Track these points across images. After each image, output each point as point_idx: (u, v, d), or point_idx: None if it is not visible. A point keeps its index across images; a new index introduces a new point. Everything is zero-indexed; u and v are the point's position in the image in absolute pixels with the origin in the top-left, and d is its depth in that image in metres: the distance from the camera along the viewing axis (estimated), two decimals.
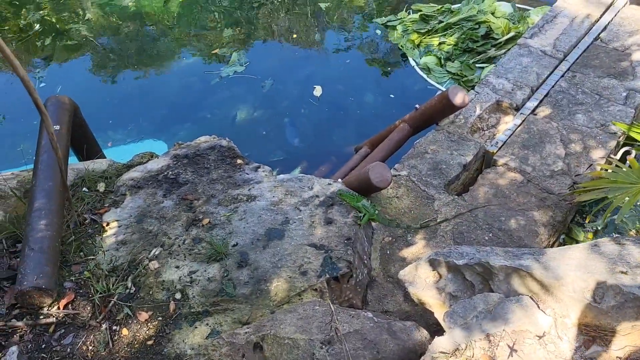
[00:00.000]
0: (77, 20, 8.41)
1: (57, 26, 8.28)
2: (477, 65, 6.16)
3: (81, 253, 3.53)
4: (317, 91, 6.84)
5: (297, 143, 6.36)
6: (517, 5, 7.22)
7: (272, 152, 6.46)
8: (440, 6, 7.28)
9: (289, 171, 6.11)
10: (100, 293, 3.27)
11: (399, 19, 7.18)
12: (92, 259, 3.49)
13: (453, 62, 6.36)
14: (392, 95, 6.64)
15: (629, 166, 3.98)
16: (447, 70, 6.26)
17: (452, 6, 7.27)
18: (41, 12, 8.49)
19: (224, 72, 7.18)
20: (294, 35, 7.84)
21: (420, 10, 7.26)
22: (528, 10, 7.19)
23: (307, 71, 7.30)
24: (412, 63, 6.60)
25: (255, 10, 8.43)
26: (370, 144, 5.72)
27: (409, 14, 7.32)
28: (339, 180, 4.48)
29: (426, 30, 6.78)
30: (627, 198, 3.75)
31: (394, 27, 7.12)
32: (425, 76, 6.39)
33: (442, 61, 6.44)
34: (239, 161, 4.56)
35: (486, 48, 6.37)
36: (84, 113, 4.74)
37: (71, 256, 3.49)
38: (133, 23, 8.33)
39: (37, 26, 8.13)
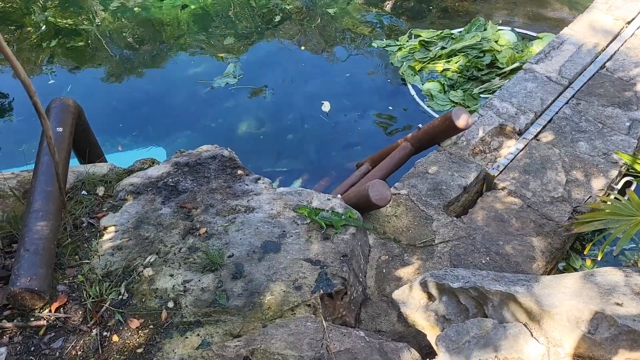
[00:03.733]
0: (86, 24, 8.48)
1: (64, 28, 8.35)
2: (481, 95, 6.17)
3: (76, 256, 3.52)
4: (326, 106, 6.86)
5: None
6: (517, 30, 7.24)
7: (274, 163, 6.47)
8: (440, 32, 7.26)
9: (290, 183, 6.11)
10: (93, 298, 3.26)
11: (398, 44, 7.16)
12: (87, 263, 3.48)
13: (456, 90, 6.37)
14: (390, 107, 6.67)
15: (628, 198, 3.97)
16: (449, 99, 6.26)
17: (452, 31, 7.28)
18: (46, 13, 8.57)
19: (216, 83, 7.20)
20: (302, 48, 7.88)
21: (420, 36, 7.24)
22: (531, 36, 7.21)
23: (310, 85, 7.33)
24: (412, 92, 6.59)
25: (268, 22, 8.49)
26: (372, 161, 5.72)
27: (409, 38, 7.29)
28: (338, 195, 4.47)
29: (428, 58, 6.78)
30: (625, 229, 3.74)
31: (393, 52, 7.10)
32: (423, 104, 6.39)
33: (446, 88, 6.44)
34: (239, 172, 4.57)
35: (491, 77, 6.39)
36: (89, 115, 4.77)
37: (66, 259, 3.48)
38: (143, 29, 8.39)
39: (43, 27, 8.19)
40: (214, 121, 6.86)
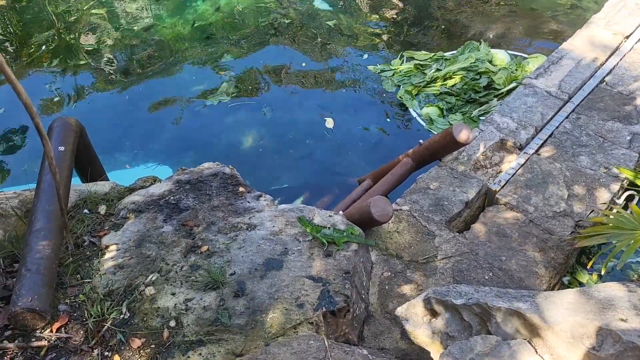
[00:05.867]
0: (91, 41, 8.56)
1: (68, 44, 8.44)
2: (480, 118, 6.20)
3: (78, 275, 3.51)
4: (329, 123, 6.88)
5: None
6: (509, 52, 7.27)
7: (276, 180, 6.48)
8: (433, 54, 7.27)
9: (292, 200, 6.11)
10: (94, 317, 3.24)
11: (392, 68, 7.16)
12: (89, 282, 3.48)
13: (455, 113, 6.39)
14: (388, 120, 6.70)
15: (631, 212, 3.96)
16: (449, 122, 6.28)
17: (445, 54, 7.29)
18: (51, 31, 8.66)
19: (209, 101, 7.24)
20: (303, 64, 7.94)
21: (413, 58, 7.26)
22: (522, 57, 7.24)
23: (312, 101, 7.36)
24: (413, 114, 6.60)
25: (267, 36, 8.56)
26: (373, 177, 5.72)
27: (402, 62, 7.29)
28: (340, 212, 4.47)
29: (425, 82, 6.81)
30: (630, 243, 3.73)
31: (387, 78, 7.09)
32: (425, 125, 6.42)
33: (445, 112, 6.46)
34: (241, 189, 4.57)
35: (489, 99, 6.42)
36: (92, 133, 4.80)
37: (67, 278, 3.47)
38: (147, 46, 8.47)
39: (44, 46, 8.29)
40: (216, 138, 6.89)
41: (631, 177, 4.37)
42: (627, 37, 6.42)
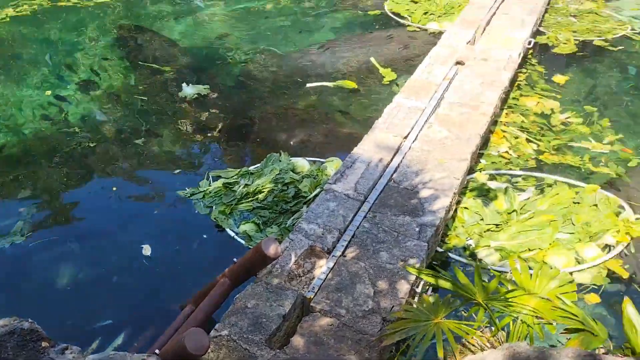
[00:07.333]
0: None
1: None
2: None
3: None
4: (146, 250, 6.67)
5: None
6: (307, 159, 7.91)
7: (97, 318, 6.02)
8: (238, 170, 7.58)
9: (112, 340, 5.70)
10: None
11: (202, 190, 7.28)
12: None
13: (271, 226, 6.67)
14: (205, 236, 6.73)
15: (424, 303, 4.41)
16: (266, 235, 6.52)
17: (250, 168, 7.66)
18: None
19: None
20: (114, 189, 7.73)
21: (220, 177, 7.53)
22: (320, 162, 7.91)
23: (125, 229, 7.14)
24: (231, 233, 6.72)
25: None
26: (194, 301, 5.62)
27: (209, 182, 7.47)
28: (156, 351, 4.29)
29: (236, 199, 7.06)
30: (424, 335, 4.11)
31: (198, 200, 7.17)
32: (244, 242, 6.55)
33: (261, 226, 6.71)
34: (43, 344, 4.18)
35: (299, 207, 6.83)
36: None
37: None
38: None
39: None
40: (16, 287, 6.26)
41: (416, 273, 4.89)
42: (405, 137, 7.40)
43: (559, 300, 4.50)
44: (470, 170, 7.63)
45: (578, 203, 6.95)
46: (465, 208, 6.99)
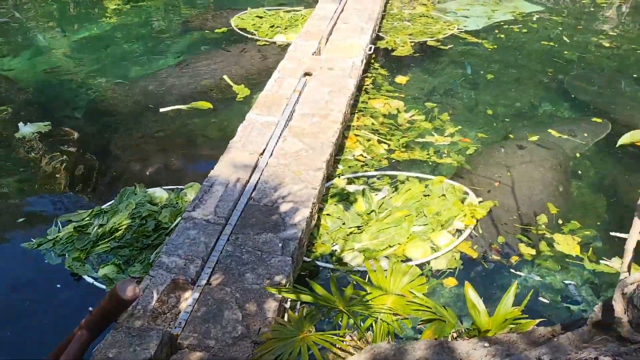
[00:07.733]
0: None
1: None
2: None
3: None
4: None
5: None
6: (165, 188, 7.68)
7: None
8: (90, 210, 7.11)
9: None
10: None
11: (51, 239, 6.66)
12: None
13: (134, 265, 6.33)
14: (58, 285, 6.24)
15: (288, 319, 4.44)
16: (130, 275, 6.17)
17: (103, 206, 7.27)
18: None
19: None
20: None
21: (70, 220, 7.03)
22: (179, 189, 7.72)
23: None
24: (90, 280, 6.25)
25: None
26: (54, 358, 5.17)
27: (59, 230, 6.89)
28: None
29: (91, 242, 6.61)
30: (291, 351, 4.14)
31: (48, 250, 6.57)
32: (105, 287, 6.11)
33: (123, 266, 6.33)
34: None
35: (162, 240, 6.56)
36: None
37: None
38: None
39: None
40: None
41: (276, 292, 4.92)
42: (261, 153, 7.44)
43: (412, 295, 4.77)
44: (329, 177, 7.87)
45: (428, 195, 7.46)
46: (328, 215, 7.19)
